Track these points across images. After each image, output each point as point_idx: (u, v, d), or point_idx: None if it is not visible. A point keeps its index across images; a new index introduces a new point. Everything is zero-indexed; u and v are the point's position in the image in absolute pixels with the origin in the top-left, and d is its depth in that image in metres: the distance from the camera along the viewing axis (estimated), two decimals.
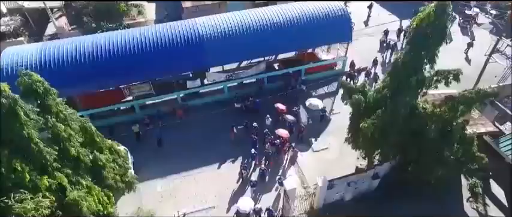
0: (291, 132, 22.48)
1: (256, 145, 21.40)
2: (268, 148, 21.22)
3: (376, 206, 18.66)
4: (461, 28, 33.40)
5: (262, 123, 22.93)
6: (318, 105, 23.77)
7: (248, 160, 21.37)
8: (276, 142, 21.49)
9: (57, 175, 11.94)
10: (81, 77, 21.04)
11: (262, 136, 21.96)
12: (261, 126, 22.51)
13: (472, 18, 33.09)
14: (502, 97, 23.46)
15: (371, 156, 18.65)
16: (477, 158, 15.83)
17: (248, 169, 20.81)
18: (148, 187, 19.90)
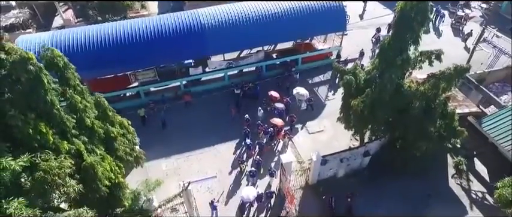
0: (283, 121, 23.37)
1: (248, 136, 22.36)
2: (261, 137, 22.36)
3: (367, 182, 20.04)
4: (453, 29, 34.34)
5: (255, 113, 23.89)
6: (304, 94, 24.58)
7: (243, 151, 22.23)
8: (269, 130, 22.52)
9: (75, 142, 13.24)
10: (90, 63, 22.23)
11: (254, 127, 22.81)
12: (253, 118, 23.32)
13: (464, 19, 34.06)
14: (488, 83, 24.87)
15: (362, 133, 19.97)
16: (458, 132, 17.15)
17: (245, 161, 21.49)
18: (153, 166, 21.24)
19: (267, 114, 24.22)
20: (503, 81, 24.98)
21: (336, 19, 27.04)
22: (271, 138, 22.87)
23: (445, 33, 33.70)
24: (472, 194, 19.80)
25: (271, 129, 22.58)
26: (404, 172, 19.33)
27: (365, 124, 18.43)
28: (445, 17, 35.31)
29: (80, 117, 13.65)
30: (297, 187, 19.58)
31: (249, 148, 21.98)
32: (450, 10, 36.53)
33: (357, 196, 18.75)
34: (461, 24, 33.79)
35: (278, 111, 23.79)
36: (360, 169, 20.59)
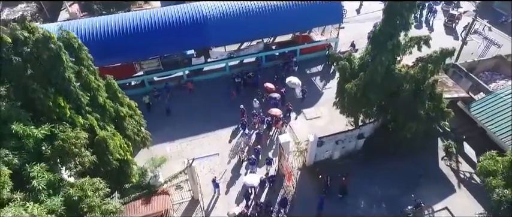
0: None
1: (245, 127, 23.31)
2: (258, 127, 23.35)
3: (362, 163, 21.15)
4: (446, 27, 34.87)
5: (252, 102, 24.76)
6: (296, 83, 25.49)
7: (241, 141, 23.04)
8: (266, 119, 23.45)
9: (89, 117, 14.37)
10: (96, 52, 22.95)
11: (250, 117, 23.72)
12: (248, 108, 24.14)
13: (456, 18, 34.58)
14: (478, 71, 25.96)
15: (356, 117, 21.04)
16: (445, 113, 18.25)
17: (244, 150, 22.23)
18: (158, 149, 22.25)
19: (263, 104, 25.13)
20: (492, 70, 26.06)
21: (333, 12, 28.09)
22: (269, 128, 23.85)
23: (437, 29, 34.60)
24: (460, 174, 20.91)
25: (268, 118, 23.51)
26: (397, 154, 20.41)
27: (359, 107, 19.49)
28: (437, 12, 36.26)
29: (93, 95, 14.78)
30: (294, 168, 20.64)
31: (247, 137, 22.95)
32: (443, 9, 37.36)
33: (351, 176, 19.85)
34: (454, 22, 34.47)
35: (274, 101, 24.68)
36: (354, 152, 21.69)
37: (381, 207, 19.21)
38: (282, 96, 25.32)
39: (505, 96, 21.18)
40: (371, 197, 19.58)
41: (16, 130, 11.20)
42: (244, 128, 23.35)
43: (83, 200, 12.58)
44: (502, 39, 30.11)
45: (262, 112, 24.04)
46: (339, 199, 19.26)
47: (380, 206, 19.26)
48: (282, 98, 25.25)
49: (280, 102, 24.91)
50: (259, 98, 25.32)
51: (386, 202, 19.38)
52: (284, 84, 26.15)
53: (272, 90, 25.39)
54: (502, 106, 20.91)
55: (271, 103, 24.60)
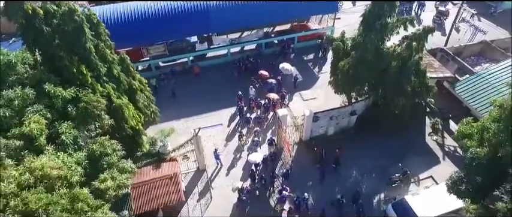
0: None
1: (243, 112, 24.71)
2: (255, 111, 24.80)
3: (354, 138, 22.78)
4: (434, 22, 35.42)
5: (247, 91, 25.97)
6: (289, 69, 26.89)
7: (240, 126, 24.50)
8: (265, 103, 24.80)
9: (106, 86, 16.00)
10: None
11: (247, 103, 25.18)
12: (246, 96, 25.45)
13: (444, 15, 35.58)
14: (465, 56, 27.61)
15: (349, 95, 22.67)
16: (429, 88, 19.91)
17: (244, 134, 23.13)
18: (165, 126, 23.86)
19: (258, 91, 26.44)
20: (478, 54, 27.72)
21: (329, 2, 29.73)
22: (266, 111, 25.38)
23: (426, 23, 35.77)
24: (445, 148, 22.58)
25: (266, 102, 24.86)
26: (387, 130, 21.99)
27: (351, 85, 21.13)
28: (425, 6, 37.63)
29: (109, 67, 16.42)
30: (292, 142, 22.24)
31: (247, 122, 24.34)
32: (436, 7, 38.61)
33: (344, 149, 21.48)
34: (442, 19, 35.55)
35: (270, 87, 26.13)
36: (347, 128, 23.33)
37: (371, 176, 20.86)
38: (279, 82, 26.87)
39: (486, 76, 22.85)
40: (362, 168, 21.23)
41: (48, 90, 12.84)
42: (241, 113, 24.76)
43: (103, 157, 14.27)
44: (490, 29, 31.80)
45: (258, 98, 25.39)
46: (333, 169, 20.90)
47: (370, 175, 20.91)
48: (279, 84, 26.75)
49: (276, 88, 26.32)
50: (255, 84, 26.62)
51: (376, 172, 21.03)
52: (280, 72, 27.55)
53: (266, 77, 26.80)
54: (484, 85, 22.58)
55: (268, 88, 26.11)
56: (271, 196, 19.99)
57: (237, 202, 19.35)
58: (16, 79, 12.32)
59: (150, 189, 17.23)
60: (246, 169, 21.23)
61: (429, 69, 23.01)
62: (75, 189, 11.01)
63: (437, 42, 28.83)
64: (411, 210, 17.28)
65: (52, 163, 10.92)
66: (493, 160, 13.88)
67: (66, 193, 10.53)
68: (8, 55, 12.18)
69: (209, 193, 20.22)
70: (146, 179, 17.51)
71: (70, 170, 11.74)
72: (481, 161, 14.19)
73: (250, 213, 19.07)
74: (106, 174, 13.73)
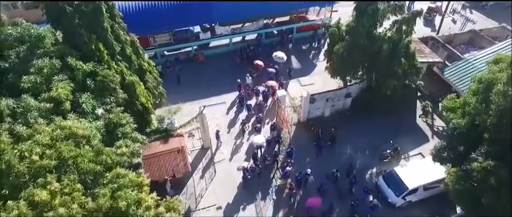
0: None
1: (243, 100, 25.93)
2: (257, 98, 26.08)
3: (349, 120, 24.24)
4: (425, 19, 36.40)
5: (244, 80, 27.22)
6: (282, 57, 27.97)
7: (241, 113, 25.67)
8: (262, 91, 25.98)
9: (120, 64, 17.45)
10: None
11: (246, 90, 26.46)
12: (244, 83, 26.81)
13: (434, 11, 36.31)
14: (455, 44, 29.08)
15: (345, 79, 24.10)
16: (418, 69, 21.38)
17: (246, 121, 24.28)
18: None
19: (255, 79, 27.70)
20: (467, 43, 29.18)
21: None
22: (265, 98, 26.69)
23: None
24: (434, 128, 24.07)
25: (264, 90, 26.07)
26: (380, 112, 23.43)
27: (346, 69, 22.56)
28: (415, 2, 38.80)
29: (122, 46, 17.88)
30: (290, 122, 23.66)
31: (248, 109, 25.59)
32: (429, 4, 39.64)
33: (339, 129, 22.92)
34: (432, 15, 36.29)
35: (269, 75, 27.33)
36: (343, 110, 24.79)
37: (364, 153, 22.33)
38: (277, 71, 28.24)
39: (473, 61, 24.31)
40: (356, 145, 22.68)
41: (70, 63, 14.28)
42: (241, 102, 26.04)
43: (118, 127, 15.71)
44: (480, 20, 33.34)
45: (255, 86, 26.62)
46: (328, 146, 22.35)
47: (363, 152, 22.38)
48: (277, 73, 28.06)
49: (274, 76, 27.52)
50: (252, 74, 27.84)
51: (369, 149, 22.48)
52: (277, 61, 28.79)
53: (262, 67, 27.97)
54: (471, 70, 24.01)
55: (267, 76, 27.33)
56: (274, 174, 21.35)
57: (241, 181, 20.58)
58: (43, 52, 13.75)
59: (159, 161, 18.68)
60: (249, 152, 22.46)
61: (420, 55, 24.54)
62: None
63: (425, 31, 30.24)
64: (400, 180, 18.73)
65: (78, 124, 12.37)
66: (471, 129, 15.38)
67: (90, 149, 11.98)
68: (38, 29, 13.62)
69: (213, 168, 21.66)
70: (155, 152, 18.95)
71: (91, 133, 13.17)
72: (461, 130, 15.69)
73: (254, 189, 20.35)
74: (121, 141, 15.17)
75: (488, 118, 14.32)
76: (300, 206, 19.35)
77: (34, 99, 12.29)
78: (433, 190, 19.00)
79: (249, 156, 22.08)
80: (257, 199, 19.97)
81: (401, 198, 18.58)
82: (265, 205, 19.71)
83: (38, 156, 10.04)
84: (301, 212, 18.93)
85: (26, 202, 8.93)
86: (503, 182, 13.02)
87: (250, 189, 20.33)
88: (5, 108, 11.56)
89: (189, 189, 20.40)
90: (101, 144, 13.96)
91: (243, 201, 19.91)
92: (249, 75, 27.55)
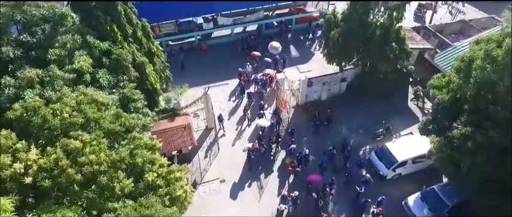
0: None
1: (244, 89, 27.14)
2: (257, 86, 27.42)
3: (345, 102, 25.69)
4: (416, 15, 37.73)
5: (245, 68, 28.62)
6: (277, 47, 29.24)
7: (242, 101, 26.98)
8: (261, 79, 27.28)
9: (131, 46, 18.89)
10: None
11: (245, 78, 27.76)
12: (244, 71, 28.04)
13: (425, 8, 37.22)
14: (446, 34, 30.56)
15: (341, 64, 25.53)
16: (408, 53, 22.85)
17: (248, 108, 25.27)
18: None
19: (254, 68, 29.24)
20: (458, 32, 30.67)
21: None
22: (264, 86, 27.90)
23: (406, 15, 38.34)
24: (425, 111, 25.54)
25: (263, 78, 27.36)
26: (374, 95, 24.86)
27: (341, 54, 24.00)
28: None
29: (134, 29, 19.29)
30: (289, 102, 24.97)
31: (249, 97, 26.75)
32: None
33: (335, 111, 24.38)
34: (422, 11, 37.32)
35: (267, 64, 28.71)
36: (339, 94, 26.27)
37: (358, 132, 23.82)
38: (275, 60, 29.55)
39: (462, 47, 25.76)
40: (350, 125, 24.18)
41: (89, 41, 15.70)
42: (242, 90, 27.32)
43: (131, 102, 17.15)
44: (471, 12, 34.83)
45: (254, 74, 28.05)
46: (325, 126, 23.82)
47: (357, 131, 23.87)
48: (275, 62, 29.37)
49: (273, 65, 28.92)
50: (251, 63, 29.28)
51: (363, 129, 23.97)
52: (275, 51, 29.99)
53: (258, 57, 29.35)
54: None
55: (264, 65, 28.75)
56: (277, 154, 22.72)
57: (246, 160, 21.90)
58: (65, 30, 15.17)
59: (167, 136, 20.13)
60: (253, 134, 23.84)
61: (412, 42, 26.03)
62: None
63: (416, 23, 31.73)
64: (391, 154, 20.21)
65: (98, 93, 13.82)
66: (453, 103, 16.89)
67: (110, 113, 13.44)
68: (61, 9, 15.07)
69: (217, 147, 23.12)
70: (163, 128, 20.42)
71: (109, 102, 14.61)
72: (445, 105, 17.20)
73: (257, 167, 21.74)
74: (134, 115, 16.61)
75: (468, 91, 15.84)
76: (301, 182, 20.71)
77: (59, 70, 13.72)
78: (421, 164, 20.48)
79: (253, 138, 23.48)
80: (260, 175, 21.44)
81: (392, 171, 20.06)
82: (267, 181, 21.16)
83: (67, 114, 11.48)
84: (302, 187, 20.33)
85: (61, 149, 10.36)
86: (479, 146, 14.51)
87: (253, 167, 21.76)
88: (35, 77, 12.98)
89: (195, 165, 21.84)
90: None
91: (246, 176, 21.40)
92: (248, 64, 28.96)
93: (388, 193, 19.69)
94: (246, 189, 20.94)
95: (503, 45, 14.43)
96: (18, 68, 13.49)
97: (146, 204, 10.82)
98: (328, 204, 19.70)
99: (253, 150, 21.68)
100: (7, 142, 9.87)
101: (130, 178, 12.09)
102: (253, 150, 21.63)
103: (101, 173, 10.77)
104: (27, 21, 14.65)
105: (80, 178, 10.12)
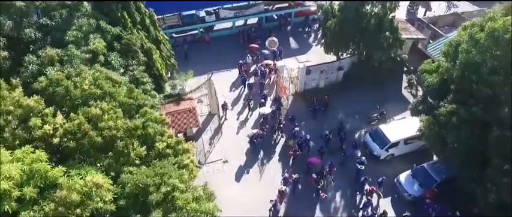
0: None
1: (245, 80, 28.26)
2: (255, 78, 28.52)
3: (341, 90, 26.90)
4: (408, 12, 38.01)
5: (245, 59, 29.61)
6: (275, 41, 30.26)
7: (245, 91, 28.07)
8: (261, 70, 28.22)
9: (140, 32, 20.10)
10: None
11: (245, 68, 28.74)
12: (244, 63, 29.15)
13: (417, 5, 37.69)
14: (439, 26, 31.76)
15: (338, 54, 26.76)
16: (401, 41, 24.08)
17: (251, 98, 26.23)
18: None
19: (254, 60, 30.25)
20: (451, 25, 31.86)
21: None
22: (263, 77, 28.92)
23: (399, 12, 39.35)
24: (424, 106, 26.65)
25: (262, 69, 28.31)
26: (369, 84, 26.06)
27: (338, 43, 25.22)
28: None
29: (142, 17, 20.51)
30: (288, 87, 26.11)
31: (249, 87, 27.78)
32: None
33: (332, 98, 25.61)
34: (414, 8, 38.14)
35: (266, 56, 29.93)
36: (336, 82, 27.47)
37: (354, 117, 25.06)
38: (274, 53, 30.64)
39: (453, 37, 26.94)
40: (347, 111, 25.43)
41: (102, 26, 16.91)
42: (243, 82, 28.45)
43: (140, 85, 18.35)
44: (464, 6, 36.04)
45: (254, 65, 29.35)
46: (322, 111, 25.04)
47: (353, 117, 25.11)
48: (273, 54, 30.38)
49: (270, 56, 29.83)
50: (251, 54, 30.30)
51: (359, 114, 25.21)
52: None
53: (257, 49, 30.44)
54: None
55: (263, 57, 29.90)
56: (278, 138, 23.88)
57: (249, 145, 23.03)
58: (81, 14, 16.37)
59: (173, 118, 21.26)
60: (256, 122, 24.98)
61: (405, 32, 27.22)
62: None
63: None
64: (384, 135, 21.42)
65: (111, 72, 15.04)
66: (442, 85, 18.13)
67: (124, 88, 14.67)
68: None
69: (220, 131, 24.33)
70: (169, 111, 21.62)
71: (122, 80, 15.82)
72: (434, 87, 18.45)
73: (259, 151, 22.96)
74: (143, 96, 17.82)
75: (455, 72, 17.07)
76: (301, 165, 21.79)
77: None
78: (412, 145, 21.71)
79: (256, 125, 24.66)
80: (262, 158, 22.69)
81: (385, 151, 21.29)
82: (269, 164, 22.42)
83: (86, 86, 12.69)
84: (302, 170, 21.45)
85: (83, 116, 11.56)
86: (464, 121, 15.74)
87: (255, 150, 22.99)
88: (55, 55, 14.18)
89: (199, 147, 23.04)
90: None
91: (249, 159, 22.65)
92: (248, 56, 30.18)
93: (382, 173, 20.93)
94: (248, 170, 22.16)
95: (485, 29, 15.65)
96: (39, 48, 14.72)
97: (160, 165, 12.00)
98: (328, 185, 20.89)
99: (257, 135, 22.76)
100: (37, 106, 11.07)
101: (143, 147, 13.37)
102: (256, 136, 22.73)
103: (118, 139, 11.98)
104: (46, 6, 15.84)
105: (100, 141, 11.32)
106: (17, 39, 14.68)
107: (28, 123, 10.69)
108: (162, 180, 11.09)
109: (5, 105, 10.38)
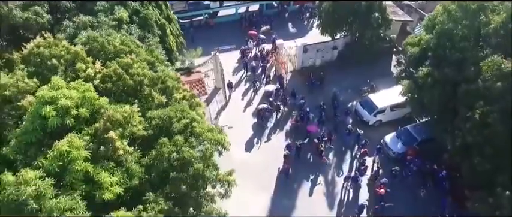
0: None
1: (247, 65, 30.74)
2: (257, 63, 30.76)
3: (336, 68, 29.38)
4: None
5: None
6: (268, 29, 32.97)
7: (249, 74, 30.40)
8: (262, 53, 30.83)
9: (154, 10, 22.57)
10: None
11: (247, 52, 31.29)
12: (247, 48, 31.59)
13: None
14: (428, 11, 34.20)
15: (332, 35, 29.23)
16: (388, 21, 26.59)
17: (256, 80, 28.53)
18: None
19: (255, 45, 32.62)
20: None
21: None
22: (263, 60, 31.32)
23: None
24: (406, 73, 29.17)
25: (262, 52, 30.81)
26: (361, 62, 28.48)
27: (333, 23, 27.69)
28: None
29: None
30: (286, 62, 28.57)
31: (252, 70, 30.06)
32: None
33: (327, 74, 28.10)
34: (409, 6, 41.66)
35: (262, 40, 32.21)
36: (331, 61, 29.97)
37: (346, 91, 27.60)
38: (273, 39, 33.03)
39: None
40: (340, 85, 27.88)
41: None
42: (246, 66, 30.74)
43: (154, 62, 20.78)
44: None
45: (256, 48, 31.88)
46: (318, 85, 27.55)
47: (346, 90, 27.66)
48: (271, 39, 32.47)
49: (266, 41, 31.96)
50: (252, 39, 32.58)
51: (351, 88, 27.76)
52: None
53: (256, 35, 32.53)
54: None
55: (261, 41, 32.29)
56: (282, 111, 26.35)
57: (256, 119, 25.53)
58: None
59: None
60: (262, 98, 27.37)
61: (395, 15, 29.73)
62: None
63: None
64: (372, 102, 23.93)
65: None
66: (422, 54, 20.61)
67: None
68: None
69: (226, 104, 26.85)
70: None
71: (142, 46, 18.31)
72: (415, 56, 20.95)
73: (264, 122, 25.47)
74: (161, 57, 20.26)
75: (432, 41, 19.59)
76: (301, 134, 24.21)
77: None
78: (397, 112, 24.25)
79: (262, 101, 27.00)
80: (266, 127, 25.31)
81: (373, 116, 23.82)
82: (272, 132, 25.03)
83: (117, 43, 15.18)
84: (303, 137, 23.84)
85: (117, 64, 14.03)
86: (437, 80, 18.25)
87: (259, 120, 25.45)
88: (87, 21, 16.69)
89: (206, 116, 25.51)
90: None
91: (253, 127, 25.24)
92: (250, 40, 32.64)
93: (371, 137, 23.45)
94: (251, 135, 24.68)
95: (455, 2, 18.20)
96: (73, 16, 17.23)
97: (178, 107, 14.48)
98: (329, 150, 23.38)
99: (266, 110, 25.18)
100: (82, 53, 13.57)
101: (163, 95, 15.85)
102: (265, 110, 25.15)
103: (145, 85, 14.47)
104: None
105: (131, 84, 13.81)
106: (56, 7, 17.15)
107: (75, 66, 13.18)
108: (183, 115, 13.56)
109: (56, 50, 12.86)
